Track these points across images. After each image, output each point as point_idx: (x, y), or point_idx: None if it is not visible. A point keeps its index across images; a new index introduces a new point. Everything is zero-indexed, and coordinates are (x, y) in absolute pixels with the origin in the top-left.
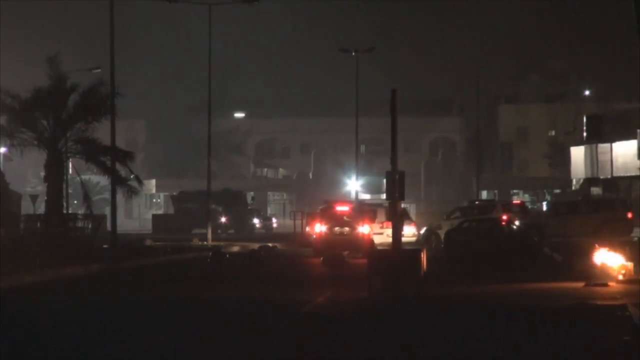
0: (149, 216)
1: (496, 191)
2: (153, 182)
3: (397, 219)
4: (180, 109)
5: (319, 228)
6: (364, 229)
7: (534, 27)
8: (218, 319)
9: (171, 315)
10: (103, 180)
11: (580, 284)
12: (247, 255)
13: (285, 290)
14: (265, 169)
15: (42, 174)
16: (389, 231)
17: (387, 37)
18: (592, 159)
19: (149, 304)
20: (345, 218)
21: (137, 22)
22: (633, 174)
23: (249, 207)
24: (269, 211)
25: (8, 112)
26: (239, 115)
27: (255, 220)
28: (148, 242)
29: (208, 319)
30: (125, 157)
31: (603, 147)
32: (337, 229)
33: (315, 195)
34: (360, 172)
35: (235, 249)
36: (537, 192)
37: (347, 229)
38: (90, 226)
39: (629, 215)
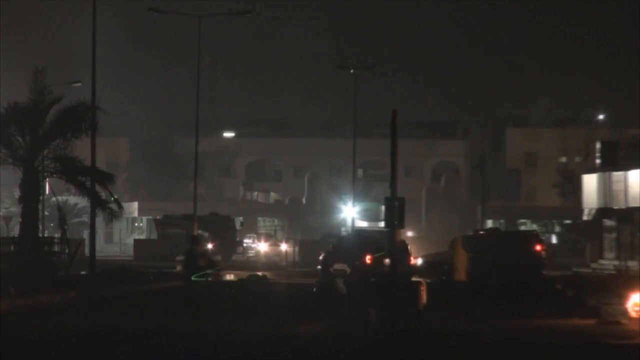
0: (131, 241)
1: (502, 221)
2: (135, 204)
3: (395, 249)
4: (166, 127)
5: None
6: None
7: (545, 47)
8: (201, 354)
9: (149, 349)
10: (82, 202)
11: (592, 321)
12: (235, 284)
13: (275, 323)
14: (256, 193)
15: (17, 194)
16: None
17: (389, 55)
18: (605, 188)
19: (126, 336)
20: None
21: (122, 35)
22: None
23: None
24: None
25: None
26: (228, 134)
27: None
28: (129, 269)
29: (190, 354)
30: (106, 178)
31: (617, 175)
32: None
33: (308, 222)
34: (357, 198)
35: (223, 277)
36: (546, 222)
37: None
38: (67, 251)
39: (538, 248)
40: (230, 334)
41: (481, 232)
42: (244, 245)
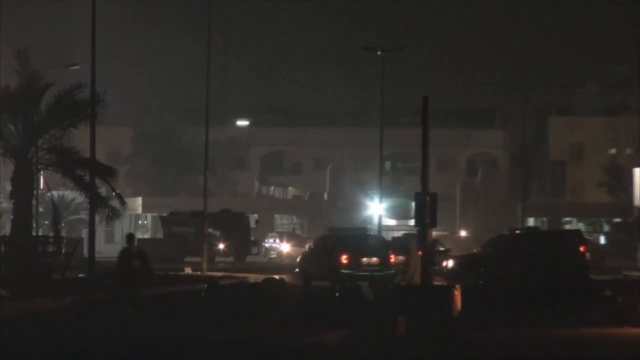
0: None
1: (545, 219)
2: (139, 200)
3: (428, 250)
4: (173, 116)
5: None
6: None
7: (592, 27)
8: None
9: None
10: (80, 197)
11: None
12: (249, 289)
13: (293, 331)
14: (272, 187)
15: (8, 188)
16: None
17: (420, 35)
18: None
19: (127, 345)
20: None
21: (126, 16)
22: None
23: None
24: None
25: None
26: (242, 123)
27: None
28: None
29: None
30: (106, 172)
31: None
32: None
33: (330, 220)
34: (384, 193)
35: (237, 281)
36: (593, 221)
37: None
38: (63, 251)
39: (582, 249)
40: (244, 342)
41: (517, 232)
42: (266, 245)
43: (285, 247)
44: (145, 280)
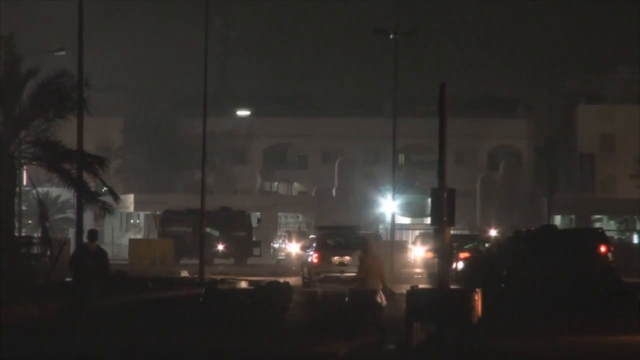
0: (125, 241)
1: (573, 216)
2: (131, 197)
3: (445, 251)
4: (168, 105)
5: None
6: None
7: (624, 8)
8: None
9: None
10: (66, 194)
11: None
12: (251, 293)
13: (299, 340)
14: (276, 183)
15: None
16: None
17: (436, 17)
18: None
19: (117, 357)
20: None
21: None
22: None
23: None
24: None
25: None
26: (243, 113)
27: None
28: (122, 274)
29: None
30: (96, 164)
31: None
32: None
33: (339, 218)
34: (398, 189)
35: (237, 285)
36: (626, 218)
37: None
38: (49, 253)
39: (603, 249)
40: (244, 352)
41: (528, 230)
42: (275, 246)
43: (293, 248)
44: (99, 282)
